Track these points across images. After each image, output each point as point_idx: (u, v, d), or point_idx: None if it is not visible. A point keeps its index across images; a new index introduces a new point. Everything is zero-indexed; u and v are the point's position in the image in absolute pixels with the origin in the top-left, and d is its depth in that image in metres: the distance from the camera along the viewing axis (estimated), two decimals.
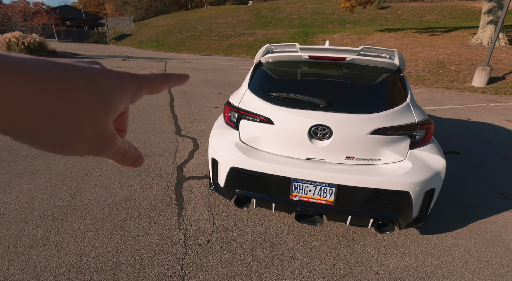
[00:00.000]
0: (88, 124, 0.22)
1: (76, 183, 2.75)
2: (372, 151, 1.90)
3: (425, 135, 1.95)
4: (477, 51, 12.95)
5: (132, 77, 0.27)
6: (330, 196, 1.89)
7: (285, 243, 2.09)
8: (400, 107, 1.96)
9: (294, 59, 2.34)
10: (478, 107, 7.30)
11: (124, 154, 0.29)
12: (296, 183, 1.92)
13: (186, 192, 2.72)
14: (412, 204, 1.81)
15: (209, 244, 2.05)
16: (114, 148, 0.27)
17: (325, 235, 2.18)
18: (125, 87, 0.26)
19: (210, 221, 2.31)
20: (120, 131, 0.32)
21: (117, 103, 0.25)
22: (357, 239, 2.15)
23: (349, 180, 1.82)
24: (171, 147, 3.76)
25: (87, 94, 0.22)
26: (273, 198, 1.99)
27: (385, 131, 1.85)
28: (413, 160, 1.87)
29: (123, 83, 0.26)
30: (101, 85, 0.23)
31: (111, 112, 0.24)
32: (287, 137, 1.98)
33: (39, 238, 2.01)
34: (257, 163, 1.97)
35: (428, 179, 1.79)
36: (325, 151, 1.93)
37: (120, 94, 0.25)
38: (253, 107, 2.12)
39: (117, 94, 0.25)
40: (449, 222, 2.38)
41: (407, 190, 1.77)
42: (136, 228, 2.18)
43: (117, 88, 0.25)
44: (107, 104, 0.24)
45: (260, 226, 2.27)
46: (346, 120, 1.86)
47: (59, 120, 0.20)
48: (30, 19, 20.60)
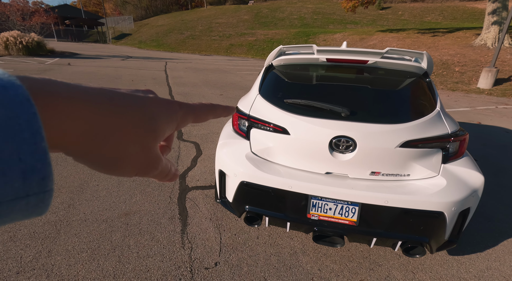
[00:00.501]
0: (137, 148, 0.25)
1: (71, 195, 2.54)
2: (400, 165, 1.70)
3: (459, 148, 1.76)
4: (481, 52, 12.77)
5: (181, 105, 0.29)
6: (352, 216, 1.69)
7: (301, 265, 1.89)
8: (431, 116, 1.76)
9: (309, 62, 2.14)
10: (486, 109, 7.11)
11: (167, 173, 0.31)
12: (314, 201, 1.72)
13: (190, 204, 2.51)
14: (446, 225, 1.62)
15: (217, 267, 1.85)
16: (159, 169, 0.29)
17: (344, 256, 1.98)
18: (173, 115, 0.28)
19: (217, 239, 2.10)
20: (166, 148, 0.35)
21: (164, 129, 0.27)
22: (380, 261, 1.95)
23: (375, 198, 1.62)
24: (173, 153, 3.55)
25: (139, 121, 0.24)
26: (288, 216, 1.79)
27: (416, 143, 1.65)
28: (447, 176, 1.67)
29: (172, 111, 0.28)
30: (151, 113, 0.26)
31: (158, 137, 0.26)
32: (305, 149, 1.78)
33: (27, 261, 1.80)
34: (270, 177, 1.77)
35: (464, 198, 1.60)
36: (347, 165, 1.73)
37: (167, 121, 0.27)
38: (265, 114, 1.92)
39: (165, 121, 0.27)
40: (478, 240, 2.18)
41: (442, 210, 1.57)
42: (136, 247, 1.97)
43: (166, 116, 0.27)
44: (155, 130, 0.26)
45: (272, 245, 2.07)
46: (372, 131, 1.66)
47: (114, 144, 0.22)
48: (28, 18, 20.33)
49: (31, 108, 0.16)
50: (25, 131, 0.15)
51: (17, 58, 13.48)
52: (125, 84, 8.03)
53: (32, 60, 12.92)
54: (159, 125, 0.26)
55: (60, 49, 18.23)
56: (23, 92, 0.16)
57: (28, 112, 0.16)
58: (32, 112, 0.16)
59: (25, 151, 0.15)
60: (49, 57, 14.54)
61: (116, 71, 10.54)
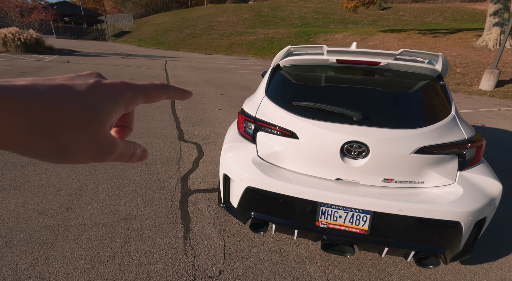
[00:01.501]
0: (83, 136, 0.24)
1: (69, 197, 2.46)
2: (414, 172, 1.62)
3: (475, 155, 1.69)
4: (483, 54, 12.73)
5: (127, 86, 0.28)
6: (364, 224, 1.62)
7: (309, 274, 1.82)
8: (446, 121, 1.69)
9: (319, 62, 2.06)
10: (489, 112, 7.06)
11: (129, 155, 0.30)
12: (323, 208, 1.65)
13: (192, 208, 2.44)
14: (462, 236, 1.55)
15: (222, 275, 1.78)
16: (116, 153, 0.28)
17: (353, 265, 1.91)
18: (119, 98, 0.27)
19: (221, 245, 2.03)
20: (125, 128, 0.34)
21: (109, 114, 0.26)
22: (390, 270, 1.88)
23: (387, 206, 1.55)
24: (174, 155, 3.47)
25: (79, 110, 0.24)
26: (296, 224, 1.72)
27: (432, 150, 1.58)
28: (464, 184, 1.60)
29: (117, 94, 0.27)
30: (92, 99, 0.25)
31: (104, 122, 0.26)
32: (315, 154, 1.70)
33: (23, 268, 1.72)
34: (278, 183, 1.69)
35: (482, 208, 1.53)
36: (359, 172, 1.66)
37: (112, 104, 0.27)
38: (273, 117, 1.85)
39: (110, 104, 0.26)
40: (490, 248, 2.11)
41: (459, 220, 1.50)
42: (137, 254, 1.90)
43: (110, 100, 0.26)
44: (99, 115, 0.25)
45: (278, 252, 2.00)
46: (386, 136, 1.59)
47: (57, 136, 0.22)
48: (27, 15, 20.12)
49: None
50: None
51: (15, 55, 13.34)
52: None
53: (31, 57, 12.78)
54: (102, 110, 0.25)
55: (59, 46, 18.07)
56: None
57: None
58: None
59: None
60: (48, 54, 14.40)
61: (115, 69, 10.43)
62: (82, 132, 0.24)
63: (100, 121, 0.25)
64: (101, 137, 0.26)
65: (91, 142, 0.25)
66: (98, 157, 0.26)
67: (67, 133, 0.23)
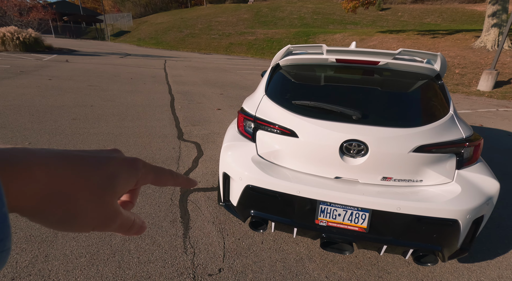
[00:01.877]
0: (93, 204, 0.25)
1: None
2: (413, 171, 1.64)
3: (473, 153, 1.70)
4: (481, 54, 12.79)
5: (144, 165, 0.31)
6: (362, 222, 1.63)
7: (308, 272, 1.83)
8: (444, 120, 1.70)
9: (318, 62, 2.08)
10: (488, 112, 7.09)
11: (129, 226, 0.31)
12: (323, 206, 1.66)
13: (192, 207, 2.44)
14: (460, 234, 1.56)
15: (221, 273, 1.79)
16: (117, 223, 0.29)
17: (352, 263, 1.92)
18: (134, 172, 0.29)
19: (221, 243, 2.04)
20: (129, 203, 0.35)
21: (123, 186, 0.28)
22: (389, 268, 1.89)
23: (386, 204, 1.56)
24: (174, 154, 3.48)
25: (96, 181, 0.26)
26: (296, 222, 1.73)
27: (430, 148, 1.59)
28: (462, 183, 1.62)
29: (133, 169, 0.29)
30: (111, 173, 0.27)
31: (117, 192, 0.28)
32: (314, 153, 1.71)
33: (23, 266, 1.72)
34: (277, 181, 1.70)
35: (480, 206, 1.54)
36: (358, 170, 1.67)
37: (127, 178, 0.29)
38: (272, 116, 1.86)
39: (124, 178, 0.28)
40: (488, 247, 2.13)
41: (456, 218, 1.52)
42: (137, 252, 1.90)
43: (126, 173, 0.28)
44: (114, 188, 0.27)
45: (277, 250, 2.01)
46: (385, 135, 1.60)
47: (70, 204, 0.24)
48: (26, 14, 20.06)
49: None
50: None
51: (14, 54, 13.30)
52: (124, 81, 7.92)
53: (29, 56, 12.75)
54: (117, 182, 0.27)
55: (58, 46, 18.04)
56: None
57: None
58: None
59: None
60: (47, 54, 14.37)
61: (114, 69, 10.42)
62: (94, 200, 0.25)
63: (113, 191, 0.27)
64: (109, 206, 0.27)
65: (99, 211, 0.26)
66: (100, 225, 0.27)
67: (80, 201, 0.24)
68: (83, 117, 4.58)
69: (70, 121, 4.34)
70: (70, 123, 4.25)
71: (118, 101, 5.78)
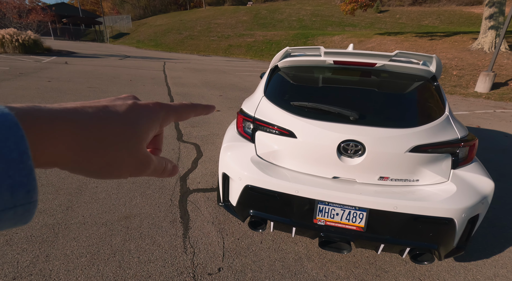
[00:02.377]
0: (125, 152, 0.27)
1: (69, 197, 2.48)
2: (409, 170, 1.67)
3: (468, 153, 1.73)
4: (479, 56, 12.87)
5: (162, 106, 0.31)
6: (360, 221, 1.66)
7: (306, 271, 1.85)
8: (440, 120, 1.74)
9: (316, 64, 2.11)
10: (485, 113, 7.15)
11: (162, 170, 0.33)
12: (321, 206, 1.69)
13: (192, 207, 2.46)
14: (456, 232, 1.59)
15: (221, 272, 1.81)
16: (151, 168, 0.31)
17: (350, 262, 1.94)
18: (154, 116, 0.30)
19: (220, 243, 2.06)
20: (156, 150, 0.37)
21: (147, 131, 0.29)
22: (387, 267, 1.91)
23: (383, 204, 1.58)
24: (173, 155, 3.50)
25: (121, 129, 0.26)
26: (294, 221, 1.75)
27: (426, 148, 1.62)
28: (457, 182, 1.65)
29: (153, 113, 0.30)
30: (133, 119, 0.28)
31: (143, 139, 0.29)
32: (312, 153, 1.74)
33: (24, 265, 1.74)
34: (276, 181, 1.72)
35: (474, 205, 1.57)
36: (355, 170, 1.70)
37: (149, 123, 0.29)
38: (271, 117, 1.88)
39: (147, 123, 0.29)
40: (484, 246, 2.15)
41: (452, 217, 1.54)
42: (137, 252, 1.92)
43: (147, 118, 0.29)
44: (139, 133, 0.28)
45: (276, 250, 2.03)
46: (382, 135, 1.63)
47: (103, 153, 0.25)
48: (25, 16, 20.08)
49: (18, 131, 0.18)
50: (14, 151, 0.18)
51: (13, 56, 13.32)
52: (124, 83, 7.95)
53: (29, 58, 12.77)
54: (141, 128, 0.28)
55: (57, 48, 18.06)
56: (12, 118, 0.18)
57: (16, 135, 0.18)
58: (20, 135, 0.18)
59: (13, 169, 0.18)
60: (46, 56, 14.39)
61: (114, 70, 10.45)
62: (124, 148, 0.27)
63: (139, 138, 0.28)
64: (140, 153, 0.28)
65: (131, 157, 0.27)
66: (136, 171, 0.29)
67: (112, 150, 0.25)
68: None
69: None
70: None
71: None
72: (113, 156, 0.26)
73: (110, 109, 0.26)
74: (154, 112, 0.30)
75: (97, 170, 0.25)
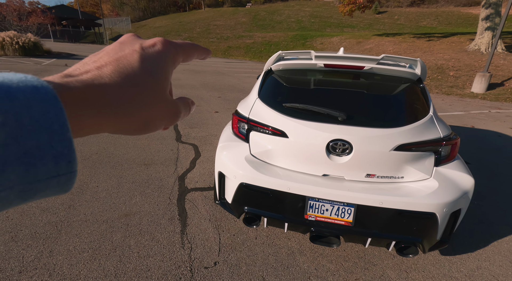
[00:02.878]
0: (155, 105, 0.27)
1: (71, 196, 2.56)
2: (395, 168, 1.76)
3: (450, 152, 1.82)
4: (475, 57, 12.98)
5: (170, 44, 0.30)
6: (348, 217, 1.75)
7: (298, 265, 1.94)
8: (424, 120, 1.83)
9: (308, 67, 2.20)
10: (480, 114, 7.24)
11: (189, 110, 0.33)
12: (311, 202, 1.78)
13: (189, 205, 2.55)
14: (438, 226, 1.68)
15: (217, 266, 1.89)
16: (182, 113, 0.31)
17: (340, 256, 2.03)
18: (167, 58, 0.29)
19: (216, 239, 2.14)
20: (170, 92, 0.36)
21: (166, 76, 0.28)
22: (375, 261, 2.00)
23: (370, 200, 1.68)
24: (172, 155, 3.59)
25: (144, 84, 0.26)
26: (286, 217, 1.84)
27: (410, 147, 1.72)
28: (439, 179, 1.74)
29: (164, 54, 0.29)
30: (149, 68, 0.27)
31: (165, 86, 0.28)
32: (303, 152, 1.83)
33: (29, 260, 1.83)
34: (269, 179, 1.82)
35: (455, 200, 1.66)
36: (343, 168, 1.79)
37: (165, 67, 0.28)
38: (264, 118, 1.98)
39: (163, 68, 0.28)
40: (470, 241, 2.25)
41: (434, 211, 1.63)
42: (137, 247, 2.01)
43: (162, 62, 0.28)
44: (160, 82, 0.27)
45: (270, 245, 2.11)
46: (368, 135, 1.72)
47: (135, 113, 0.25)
48: (25, 19, 20.25)
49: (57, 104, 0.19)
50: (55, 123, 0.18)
51: (14, 58, 13.42)
52: None
53: (29, 60, 12.87)
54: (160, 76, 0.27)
55: (56, 50, 18.17)
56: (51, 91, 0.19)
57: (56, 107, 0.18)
58: (59, 107, 0.19)
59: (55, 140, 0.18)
60: (46, 58, 14.49)
61: None
62: (155, 102, 0.26)
63: (162, 87, 0.28)
64: (168, 101, 0.28)
65: (163, 109, 0.28)
66: (170, 121, 0.29)
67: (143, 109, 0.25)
68: None
69: None
70: None
71: None
72: (147, 112, 0.26)
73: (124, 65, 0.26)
74: (166, 53, 0.29)
75: (134, 129, 0.26)
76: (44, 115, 0.18)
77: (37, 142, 0.18)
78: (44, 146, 0.18)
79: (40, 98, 0.18)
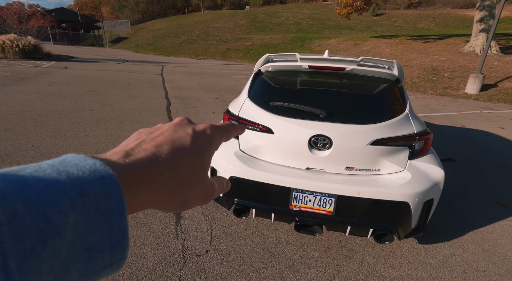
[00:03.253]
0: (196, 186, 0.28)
1: None
2: (371, 161, 1.90)
3: (424, 146, 1.97)
4: (470, 59, 13.17)
5: (216, 129, 0.32)
6: (329, 206, 1.89)
7: (284, 253, 2.08)
8: (399, 117, 1.97)
9: (293, 68, 2.35)
10: (472, 114, 7.40)
11: (222, 190, 0.34)
12: (295, 193, 1.91)
13: None
14: (411, 214, 1.82)
15: (208, 254, 2.03)
16: (216, 193, 0.32)
17: (324, 245, 2.17)
18: (213, 142, 0.31)
19: (209, 230, 2.28)
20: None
21: (209, 159, 0.30)
22: (356, 249, 2.14)
23: (348, 190, 1.82)
24: None
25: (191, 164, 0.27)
26: (273, 208, 1.98)
27: (385, 142, 1.86)
28: (412, 171, 1.88)
29: (211, 138, 0.30)
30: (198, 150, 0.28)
31: (207, 168, 0.29)
32: (287, 147, 1.98)
33: None
34: (256, 172, 1.96)
35: (427, 190, 1.80)
36: (325, 161, 1.93)
37: (210, 150, 0.30)
38: (253, 116, 2.12)
39: (208, 151, 0.30)
40: (447, 231, 2.38)
41: (407, 200, 1.77)
42: (133, 237, 2.14)
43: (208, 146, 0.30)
44: (204, 163, 0.29)
45: (259, 235, 2.25)
46: (346, 130, 1.87)
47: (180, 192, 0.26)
48: (25, 22, 20.42)
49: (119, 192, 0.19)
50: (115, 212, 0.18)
51: (14, 61, 13.57)
52: (122, 87, 8.19)
53: (29, 63, 13.02)
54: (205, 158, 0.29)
55: (56, 52, 18.34)
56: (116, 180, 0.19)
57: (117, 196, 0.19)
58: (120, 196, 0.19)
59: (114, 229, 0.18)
60: (46, 60, 14.64)
61: (112, 75, 10.70)
62: (195, 183, 0.27)
63: (205, 169, 0.29)
64: (206, 182, 0.29)
65: (201, 189, 0.28)
66: (204, 201, 0.30)
67: (186, 188, 0.26)
68: (82, 121, 4.83)
69: (70, 124, 4.58)
70: (70, 126, 4.49)
71: (117, 105, 6.03)
72: (188, 192, 0.27)
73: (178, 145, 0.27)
74: (212, 137, 0.30)
75: (174, 207, 0.27)
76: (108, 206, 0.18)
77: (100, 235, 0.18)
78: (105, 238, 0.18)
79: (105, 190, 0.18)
